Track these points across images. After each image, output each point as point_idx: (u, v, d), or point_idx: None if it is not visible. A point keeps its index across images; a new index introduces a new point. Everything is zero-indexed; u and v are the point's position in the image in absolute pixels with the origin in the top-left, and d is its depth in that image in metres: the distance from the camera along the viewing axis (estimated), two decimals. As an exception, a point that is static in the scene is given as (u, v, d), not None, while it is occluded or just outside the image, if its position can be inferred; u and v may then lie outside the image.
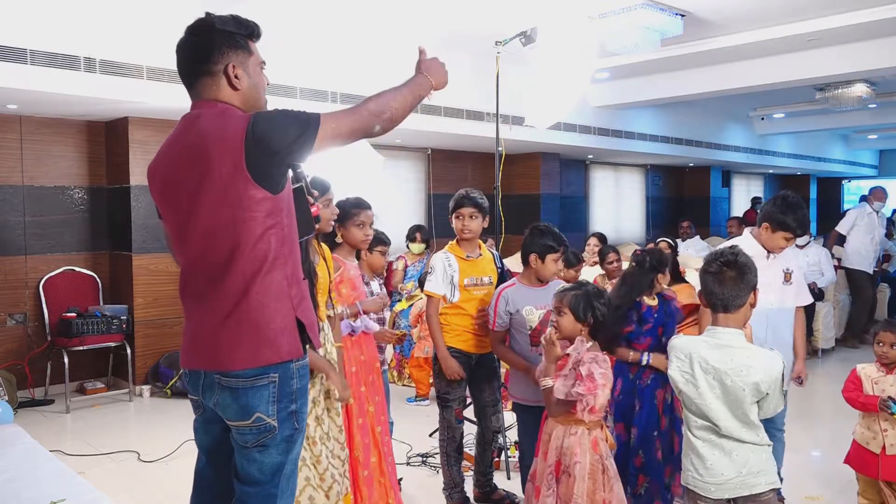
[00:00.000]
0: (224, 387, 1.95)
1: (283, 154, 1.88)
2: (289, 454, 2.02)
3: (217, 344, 1.94)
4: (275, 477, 2.00)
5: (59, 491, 3.06)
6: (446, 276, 3.39)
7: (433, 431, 4.61)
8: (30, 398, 5.61)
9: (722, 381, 2.25)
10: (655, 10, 5.14)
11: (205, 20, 1.98)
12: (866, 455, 3.15)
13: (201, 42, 1.96)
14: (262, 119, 1.88)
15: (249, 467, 1.99)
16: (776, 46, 6.31)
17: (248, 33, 2.01)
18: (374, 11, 5.44)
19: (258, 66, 2.05)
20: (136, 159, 5.77)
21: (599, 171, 11.08)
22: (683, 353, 2.31)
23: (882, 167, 16.96)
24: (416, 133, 6.97)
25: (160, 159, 2.04)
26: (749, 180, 14.70)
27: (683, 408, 2.36)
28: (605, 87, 8.04)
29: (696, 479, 2.30)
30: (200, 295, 1.98)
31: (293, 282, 1.99)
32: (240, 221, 1.89)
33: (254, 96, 2.03)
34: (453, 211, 3.50)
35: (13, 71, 4.38)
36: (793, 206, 3.24)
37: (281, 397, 1.96)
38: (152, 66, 4.94)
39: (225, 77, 1.96)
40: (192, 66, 1.98)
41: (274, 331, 1.93)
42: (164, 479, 4.06)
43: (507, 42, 4.71)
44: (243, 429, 1.96)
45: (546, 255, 3.20)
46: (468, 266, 3.43)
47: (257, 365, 1.92)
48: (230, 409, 1.96)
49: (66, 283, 5.88)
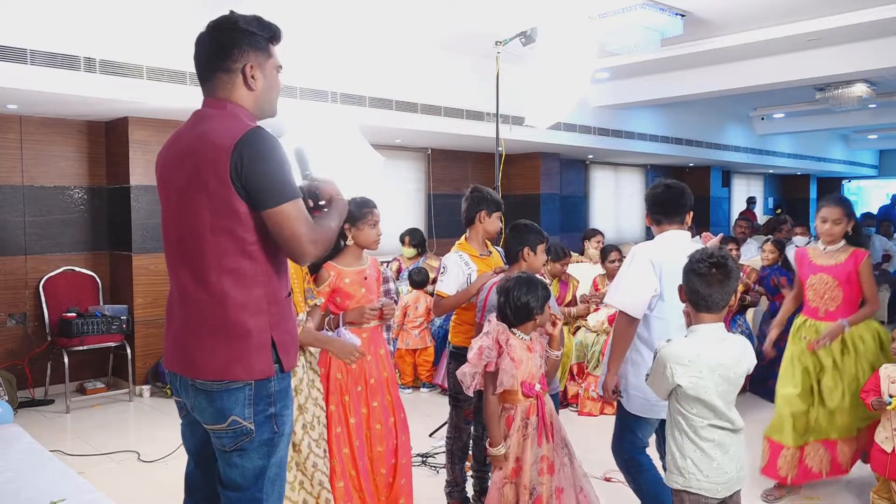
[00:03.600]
0: (199, 390, 1.95)
1: (248, 191, 1.87)
2: (271, 458, 2.00)
3: (193, 351, 1.95)
4: (258, 481, 1.98)
5: (59, 491, 3.05)
6: (462, 276, 3.37)
7: (433, 432, 4.62)
8: (30, 398, 5.61)
9: (725, 376, 2.26)
10: (655, 10, 5.14)
11: (229, 17, 1.98)
12: (882, 454, 3.26)
13: (223, 38, 1.96)
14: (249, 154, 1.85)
15: (231, 472, 1.98)
16: (776, 46, 6.31)
17: (270, 36, 2.02)
18: (374, 11, 5.44)
19: (275, 70, 2.05)
20: (136, 159, 5.77)
21: (599, 171, 11.08)
22: (686, 359, 2.25)
23: (882, 167, 16.97)
24: (416, 133, 6.98)
25: (163, 153, 2.06)
26: (749, 180, 14.71)
27: (680, 414, 2.30)
28: (605, 87, 8.04)
29: (701, 482, 2.27)
30: (182, 299, 1.99)
31: (273, 300, 1.97)
32: (220, 230, 1.88)
33: (267, 99, 2.03)
34: (496, 211, 3.49)
35: (13, 71, 4.38)
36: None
37: (257, 400, 1.95)
38: (152, 66, 4.94)
39: (242, 76, 1.96)
40: (210, 60, 1.98)
41: (247, 348, 1.92)
42: (164, 479, 4.06)
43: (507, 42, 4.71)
44: (220, 432, 1.96)
45: (537, 247, 3.25)
46: (483, 264, 3.43)
47: (228, 379, 1.91)
48: (206, 413, 1.96)
49: (66, 283, 5.88)
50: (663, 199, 2.99)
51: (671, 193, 2.99)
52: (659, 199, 3.00)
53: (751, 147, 11.83)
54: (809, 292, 3.65)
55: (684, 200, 3.00)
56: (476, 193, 3.48)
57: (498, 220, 3.50)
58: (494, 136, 4.81)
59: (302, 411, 2.79)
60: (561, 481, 2.78)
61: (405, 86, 6.35)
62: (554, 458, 2.79)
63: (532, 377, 2.78)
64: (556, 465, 2.79)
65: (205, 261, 1.91)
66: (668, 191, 3.00)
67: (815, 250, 3.66)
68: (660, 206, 3.00)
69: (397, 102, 6.31)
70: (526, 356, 2.77)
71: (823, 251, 3.61)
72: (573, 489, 2.81)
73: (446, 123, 6.73)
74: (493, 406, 2.77)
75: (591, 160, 10.68)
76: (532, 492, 2.72)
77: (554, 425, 2.83)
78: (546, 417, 2.79)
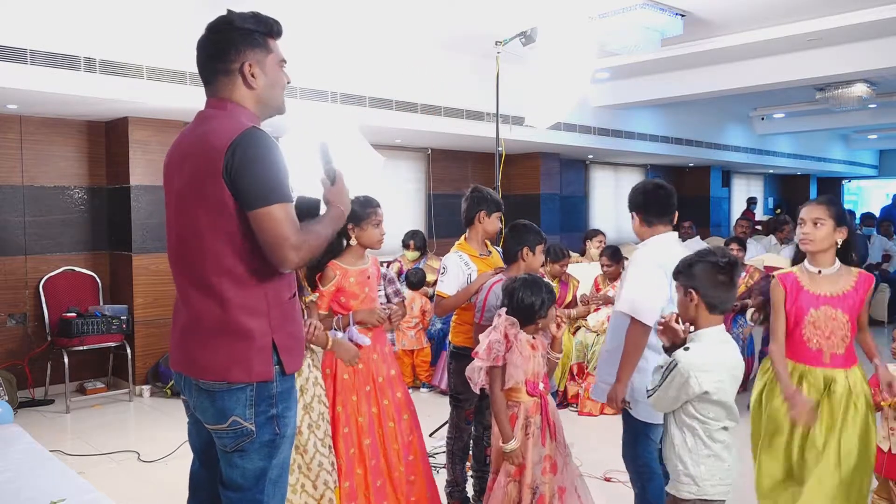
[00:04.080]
0: (202, 389, 1.95)
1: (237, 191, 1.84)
2: (272, 459, 1.99)
3: (195, 350, 1.95)
4: (259, 482, 1.98)
5: (59, 491, 3.05)
6: (462, 276, 3.37)
7: (433, 432, 4.61)
8: (30, 398, 5.61)
9: (736, 376, 2.30)
10: (655, 10, 5.14)
11: (224, 18, 1.96)
12: (879, 454, 3.16)
13: (219, 40, 1.95)
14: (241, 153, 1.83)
15: (232, 473, 1.98)
16: (776, 46, 6.31)
17: (268, 31, 1.99)
18: (374, 11, 5.44)
19: (277, 65, 2.02)
20: (136, 159, 5.77)
21: (599, 171, 11.08)
22: (709, 365, 2.21)
23: (882, 167, 16.96)
24: (416, 133, 6.98)
25: (168, 154, 2.06)
26: (749, 180, 14.70)
27: (696, 420, 2.26)
28: (605, 87, 8.04)
29: (716, 487, 2.27)
30: (185, 299, 1.99)
31: (275, 302, 1.95)
32: (217, 231, 1.88)
33: (270, 95, 2.01)
34: (496, 211, 3.48)
35: (13, 71, 4.38)
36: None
37: (259, 401, 1.94)
38: (152, 66, 4.94)
39: (241, 76, 1.95)
40: (209, 63, 1.97)
41: (247, 350, 1.91)
42: (164, 479, 4.06)
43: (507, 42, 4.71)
44: (221, 432, 1.96)
45: (536, 247, 3.25)
46: (483, 264, 3.43)
47: (227, 380, 1.91)
48: (208, 413, 1.96)
49: (66, 283, 5.88)
50: (658, 199, 2.94)
51: (665, 193, 2.94)
52: (654, 199, 2.94)
53: (751, 147, 11.83)
54: (808, 330, 2.76)
55: (674, 200, 2.97)
56: (476, 193, 3.48)
57: (497, 221, 3.50)
58: (494, 136, 4.81)
59: (308, 411, 2.79)
60: (563, 481, 2.79)
61: (405, 86, 6.35)
62: (556, 457, 2.80)
63: (536, 376, 2.79)
64: (559, 465, 2.80)
65: (204, 262, 1.91)
66: (662, 191, 2.95)
67: (807, 274, 2.80)
68: (654, 207, 2.94)
69: (397, 102, 6.31)
70: (530, 354, 2.78)
71: (818, 274, 2.77)
72: (573, 488, 2.81)
73: (446, 123, 6.73)
74: (500, 402, 2.78)
75: (591, 160, 10.68)
76: (535, 491, 2.73)
77: (556, 425, 2.84)
78: (550, 417, 2.80)
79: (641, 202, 2.95)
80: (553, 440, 2.80)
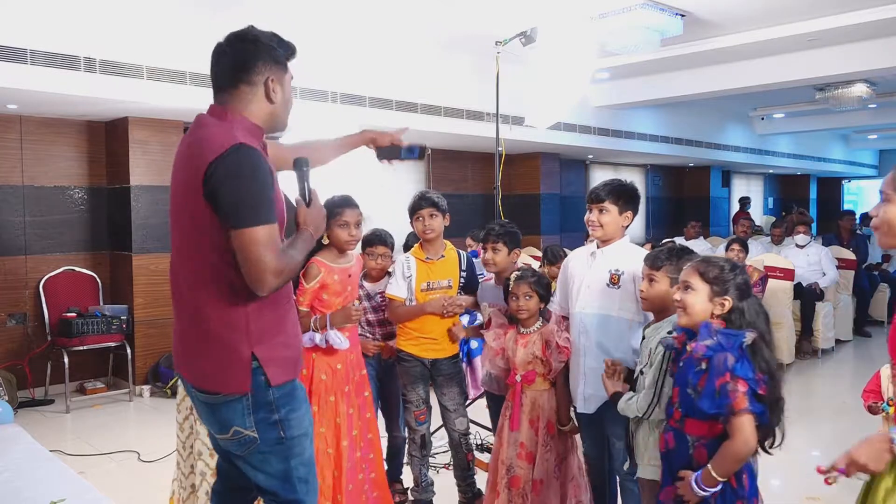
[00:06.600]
0: (201, 402, 1.98)
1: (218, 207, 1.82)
2: (290, 460, 1.99)
3: (188, 357, 1.99)
4: (286, 483, 1.99)
5: (59, 491, 3.06)
6: (402, 280, 3.32)
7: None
8: (30, 398, 5.61)
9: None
10: (655, 10, 5.14)
11: (251, 31, 1.98)
12: None
13: (247, 50, 1.95)
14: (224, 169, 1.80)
15: (256, 477, 2.00)
16: (776, 46, 6.31)
17: (287, 53, 2.03)
18: (374, 11, 5.44)
19: (290, 84, 2.07)
20: (136, 159, 5.77)
21: (599, 171, 11.08)
22: None
23: (882, 167, 16.95)
24: (416, 133, 6.97)
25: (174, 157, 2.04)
26: (749, 180, 14.70)
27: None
28: (605, 87, 8.04)
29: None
30: (175, 305, 2.01)
31: (255, 317, 1.91)
32: (201, 240, 1.87)
33: (283, 111, 2.04)
34: (412, 214, 3.45)
35: (13, 71, 4.38)
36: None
37: (256, 409, 1.93)
38: (152, 66, 4.93)
39: (264, 88, 1.96)
40: (232, 72, 1.95)
41: (223, 363, 1.90)
42: (164, 479, 4.05)
43: (507, 42, 4.71)
44: (225, 441, 1.98)
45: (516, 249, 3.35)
46: (427, 269, 3.35)
47: (210, 390, 1.92)
48: (210, 422, 2.00)
49: (66, 283, 5.88)
50: (636, 196, 2.84)
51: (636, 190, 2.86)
52: (635, 195, 2.83)
53: (751, 147, 11.83)
54: None
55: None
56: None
57: (419, 222, 3.43)
58: (494, 136, 4.81)
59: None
60: (541, 474, 2.87)
61: (405, 86, 6.35)
62: (534, 449, 2.88)
63: (515, 367, 2.95)
64: (536, 458, 2.88)
65: (192, 270, 1.92)
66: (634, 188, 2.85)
67: None
68: (634, 205, 2.83)
69: (397, 102, 6.31)
70: (513, 347, 2.97)
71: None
72: (558, 483, 2.89)
73: (446, 123, 6.73)
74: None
75: (591, 160, 10.68)
76: (509, 469, 2.91)
77: (539, 419, 2.91)
78: (521, 407, 2.92)
79: (631, 197, 2.85)
80: (533, 432, 2.90)
